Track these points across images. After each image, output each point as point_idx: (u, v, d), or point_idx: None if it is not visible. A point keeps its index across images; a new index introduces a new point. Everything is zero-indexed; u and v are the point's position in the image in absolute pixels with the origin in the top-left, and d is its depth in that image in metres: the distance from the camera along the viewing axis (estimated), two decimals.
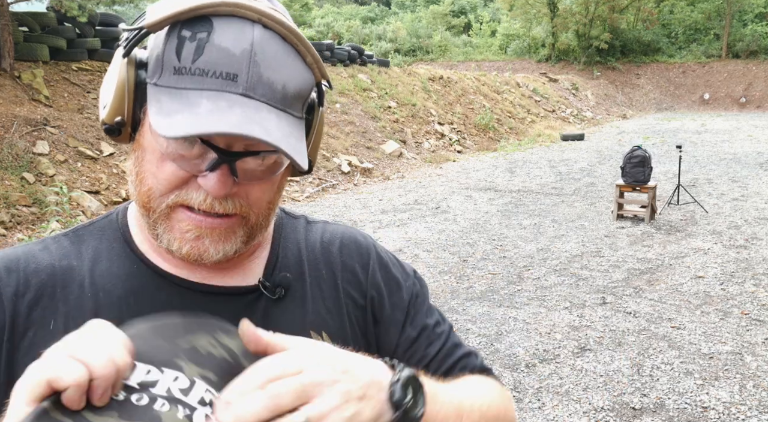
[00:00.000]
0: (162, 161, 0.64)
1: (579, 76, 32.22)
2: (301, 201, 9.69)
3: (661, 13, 36.36)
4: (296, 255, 0.78)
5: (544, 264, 6.09)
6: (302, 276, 0.77)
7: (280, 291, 0.73)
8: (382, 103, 15.58)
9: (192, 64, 0.60)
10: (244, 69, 0.60)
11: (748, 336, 4.29)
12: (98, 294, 0.68)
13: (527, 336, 4.37)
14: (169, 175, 0.64)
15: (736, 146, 15.85)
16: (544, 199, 9.48)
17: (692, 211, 8.35)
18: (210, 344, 0.56)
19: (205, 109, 0.59)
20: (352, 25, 43.99)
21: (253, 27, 0.61)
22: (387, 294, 0.80)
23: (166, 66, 0.61)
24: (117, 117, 0.64)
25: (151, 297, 0.69)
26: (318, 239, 0.81)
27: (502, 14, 40.91)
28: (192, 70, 0.60)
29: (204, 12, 0.60)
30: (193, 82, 0.60)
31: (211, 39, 0.60)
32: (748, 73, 32.24)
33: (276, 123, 0.61)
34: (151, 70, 0.62)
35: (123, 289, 0.69)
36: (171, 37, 0.61)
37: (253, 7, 0.61)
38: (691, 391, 3.56)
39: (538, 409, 3.40)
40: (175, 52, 0.60)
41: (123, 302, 0.68)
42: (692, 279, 5.58)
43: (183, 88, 0.60)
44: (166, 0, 0.62)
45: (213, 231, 0.65)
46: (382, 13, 51.83)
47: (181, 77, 0.60)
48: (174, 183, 0.64)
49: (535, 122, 21.44)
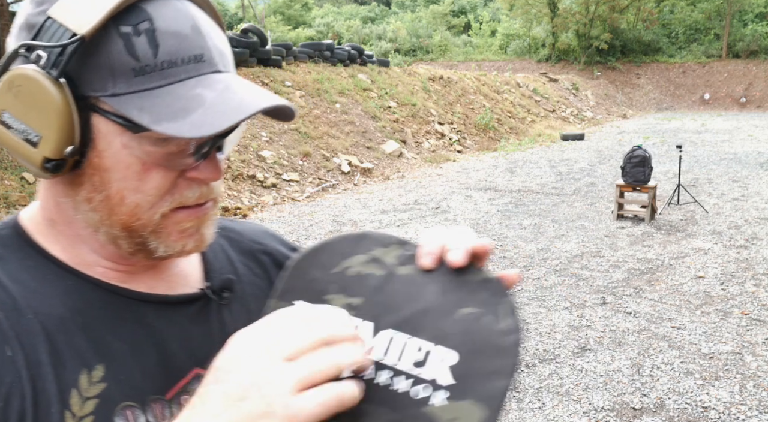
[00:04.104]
0: (146, 172, 0.59)
1: (579, 76, 32.22)
2: (301, 201, 9.69)
3: (661, 12, 36.38)
4: (225, 257, 0.78)
5: (544, 264, 6.09)
6: (237, 275, 0.76)
7: (227, 294, 0.72)
8: (382, 103, 15.58)
9: (155, 58, 0.55)
10: (205, 46, 0.58)
11: (749, 336, 4.29)
12: (38, 316, 0.60)
13: (527, 336, 4.37)
14: (158, 184, 0.59)
15: (736, 146, 15.85)
16: (544, 199, 9.48)
17: (692, 210, 8.35)
18: (361, 263, 0.57)
19: (211, 98, 0.56)
20: (352, 24, 44.01)
21: (180, 1, 0.58)
22: None
23: (120, 71, 0.55)
24: (68, 147, 0.56)
25: (99, 313, 0.62)
26: (237, 238, 0.81)
27: (502, 14, 40.94)
28: (158, 64, 0.55)
29: (132, 1, 0.56)
30: (165, 76, 0.56)
31: (156, 26, 0.56)
32: (749, 73, 32.24)
33: (252, 85, 0.61)
34: (95, 82, 0.55)
35: (66, 309, 0.61)
36: (109, 39, 0.55)
37: None
38: (692, 391, 3.56)
39: (539, 409, 3.40)
40: (127, 52, 0.55)
41: (70, 322, 0.60)
42: (692, 279, 5.58)
43: (157, 86, 0.56)
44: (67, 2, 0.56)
45: (206, 218, 0.65)
46: (382, 12, 51.84)
47: (147, 76, 0.55)
48: (164, 189, 0.60)
49: (535, 122, 21.44)
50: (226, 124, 0.54)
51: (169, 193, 0.61)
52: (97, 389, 0.59)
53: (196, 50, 0.57)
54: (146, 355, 0.63)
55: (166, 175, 0.60)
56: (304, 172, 11.03)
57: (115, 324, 0.63)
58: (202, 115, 0.55)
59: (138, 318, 0.64)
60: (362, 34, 42.24)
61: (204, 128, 0.54)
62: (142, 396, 0.62)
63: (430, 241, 0.59)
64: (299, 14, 48.84)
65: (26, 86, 0.55)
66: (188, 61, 0.57)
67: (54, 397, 0.57)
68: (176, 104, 0.55)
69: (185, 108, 0.55)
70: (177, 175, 0.60)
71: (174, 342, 0.66)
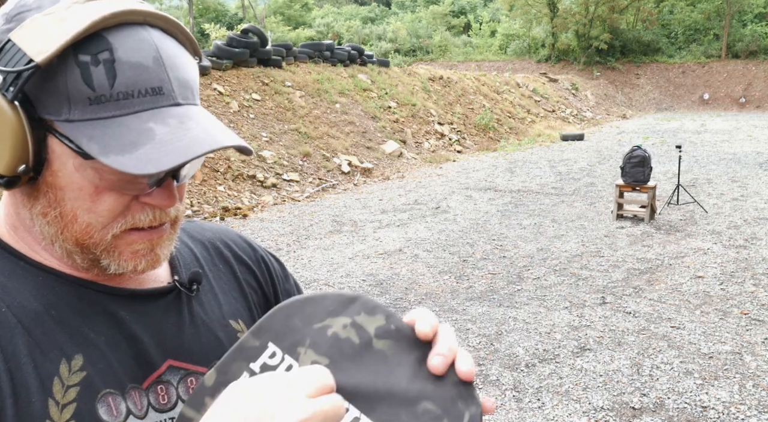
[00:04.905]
0: (98, 194, 0.60)
1: (579, 76, 32.23)
2: (301, 201, 9.69)
3: (660, 13, 36.39)
4: (190, 253, 0.80)
5: (544, 264, 6.10)
6: (203, 271, 0.79)
7: (195, 286, 0.74)
8: (382, 103, 15.59)
9: (111, 89, 0.55)
10: (165, 78, 0.58)
11: (748, 336, 4.30)
12: (12, 309, 0.61)
13: (527, 336, 4.38)
14: (111, 206, 0.60)
15: (735, 146, 15.86)
16: (544, 199, 9.48)
17: (692, 210, 8.36)
18: (341, 326, 0.55)
19: (162, 134, 0.56)
20: (352, 25, 44.01)
21: (146, 30, 0.58)
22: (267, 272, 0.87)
23: (76, 99, 0.55)
24: (20, 166, 0.57)
25: (73, 307, 0.64)
26: (200, 237, 0.84)
27: (502, 14, 40.94)
28: (114, 95, 0.56)
29: (94, 30, 0.55)
30: (120, 107, 0.56)
31: (117, 57, 0.56)
32: (748, 73, 32.25)
33: (211, 120, 0.61)
34: (51, 106, 0.56)
35: (39, 303, 0.62)
36: (67, 67, 0.55)
37: (134, 9, 0.58)
38: (691, 391, 3.57)
39: (538, 409, 3.41)
40: (83, 81, 0.55)
41: (44, 315, 0.62)
42: (692, 279, 5.59)
43: (110, 116, 0.56)
44: (30, 24, 0.56)
45: (161, 239, 0.65)
46: (382, 13, 51.84)
47: (102, 105, 0.56)
48: (117, 211, 0.61)
49: (535, 122, 21.45)
50: (171, 164, 0.55)
51: (122, 215, 0.62)
52: (78, 377, 0.61)
53: (154, 82, 0.57)
54: (121, 347, 0.65)
55: (118, 199, 0.61)
56: (304, 172, 11.04)
57: (88, 317, 0.64)
58: (149, 151, 0.55)
59: (110, 312, 0.66)
60: (362, 35, 42.24)
61: (149, 165, 0.55)
62: (122, 384, 0.64)
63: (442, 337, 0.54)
64: (299, 14, 48.83)
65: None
66: (145, 94, 0.57)
67: (35, 387, 0.58)
68: (126, 137, 0.56)
69: (134, 142, 0.55)
70: (130, 198, 0.61)
71: (147, 335, 0.67)
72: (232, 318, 0.78)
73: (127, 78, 0.56)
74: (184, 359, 0.70)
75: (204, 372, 0.71)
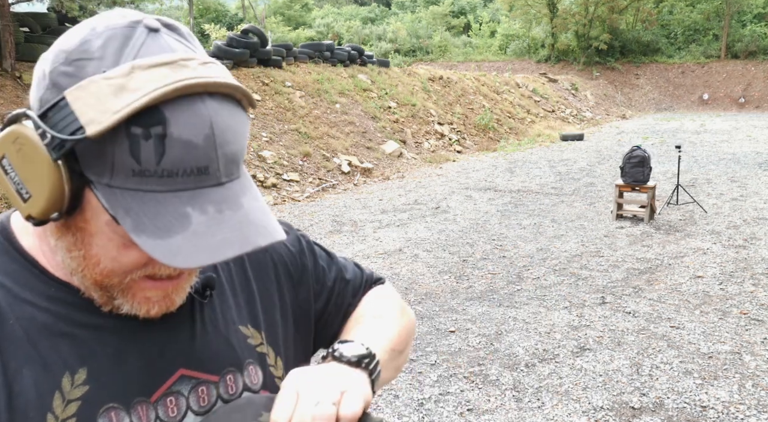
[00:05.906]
0: (126, 248, 0.60)
1: (578, 77, 32.24)
2: (301, 201, 9.70)
3: (660, 13, 36.39)
4: None
5: (544, 264, 6.11)
6: (216, 274, 0.78)
7: (209, 292, 0.73)
8: (382, 103, 15.60)
9: (157, 166, 0.54)
10: (213, 157, 0.56)
11: (747, 336, 4.31)
12: (21, 321, 0.62)
13: (527, 335, 4.39)
14: (135, 260, 0.61)
15: (735, 146, 15.88)
16: (544, 199, 9.49)
17: (691, 210, 8.37)
18: None
19: (197, 224, 0.56)
20: (352, 25, 44.00)
21: (204, 102, 0.56)
22: (291, 263, 0.86)
23: (119, 168, 0.54)
24: (54, 213, 0.57)
25: (81, 320, 0.64)
26: None
27: (502, 14, 40.94)
28: (158, 171, 0.54)
29: (154, 104, 0.53)
30: (162, 183, 0.55)
31: (169, 132, 0.53)
32: (747, 74, 32.26)
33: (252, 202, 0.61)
34: (95, 167, 0.55)
35: (47, 315, 0.63)
36: (117, 137, 0.53)
37: (196, 82, 0.55)
38: (691, 391, 3.58)
39: (538, 409, 3.41)
40: (131, 154, 0.53)
41: (53, 328, 0.62)
42: (691, 278, 5.60)
43: (150, 190, 0.55)
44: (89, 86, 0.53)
45: (177, 287, 0.66)
46: (382, 13, 51.83)
47: (144, 179, 0.54)
48: (141, 264, 0.61)
49: (534, 122, 21.46)
50: (199, 263, 0.55)
51: (144, 266, 0.62)
52: (80, 391, 0.61)
53: (201, 162, 0.56)
54: (130, 359, 0.65)
55: (144, 255, 0.60)
56: (304, 172, 11.04)
57: (97, 329, 0.64)
58: (181, 242, 0.55)
59: (121, 324, 0.65)
60: (362, 35, 42.24)
61: (179, 258, 0.54)
62: (126, 398, 0.64)
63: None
64: (299, 15, 48.81)
65: (28, 150, 0.55)
66: (190, 173, 0.55)
67: (33, 401, 0.59)
68: (162, 220, 0.55)
69: (169, 228, 0.55)
70: None
71: (159, 345, 0.67)
72: (242, 323, 0.77)
73: (174, 156, 0.54)
74: (195, 368, 0.70)
75: (215, 380, 0.71)
